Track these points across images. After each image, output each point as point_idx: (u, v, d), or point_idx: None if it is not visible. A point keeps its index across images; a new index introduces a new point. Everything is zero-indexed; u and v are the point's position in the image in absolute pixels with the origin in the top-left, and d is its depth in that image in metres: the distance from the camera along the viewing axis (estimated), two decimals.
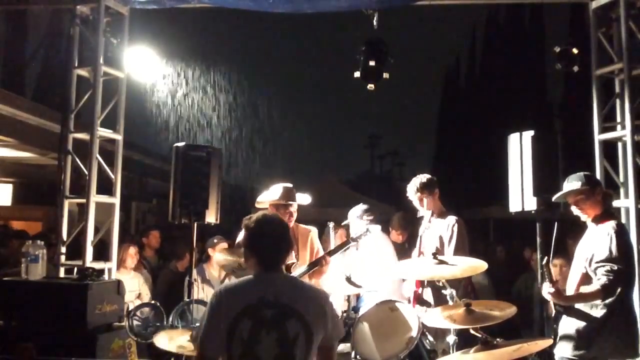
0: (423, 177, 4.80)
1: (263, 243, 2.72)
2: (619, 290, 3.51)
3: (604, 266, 3.51)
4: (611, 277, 3.47)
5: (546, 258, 3.58)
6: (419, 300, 4.45)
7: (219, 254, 4.81)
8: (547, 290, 3.59)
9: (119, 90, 6.04)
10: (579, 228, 3.96)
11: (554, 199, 3.95)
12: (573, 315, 3.67)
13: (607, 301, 3.54)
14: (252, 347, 2.52)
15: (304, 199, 4.74)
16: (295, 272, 4.31)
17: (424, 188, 4.74)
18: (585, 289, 3.65)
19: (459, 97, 31.69)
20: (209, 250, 6.23)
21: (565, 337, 3.68)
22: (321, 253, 4.68)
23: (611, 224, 3.64)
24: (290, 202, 4.59)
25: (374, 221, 5.13)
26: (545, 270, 3.54)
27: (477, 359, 3.37)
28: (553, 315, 3.88)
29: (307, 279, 4.46)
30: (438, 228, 4.67)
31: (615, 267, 3.48)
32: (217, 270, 6.06)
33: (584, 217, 3.79)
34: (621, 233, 3.63)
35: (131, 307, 4.94)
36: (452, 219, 4.68)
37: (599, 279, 3.52)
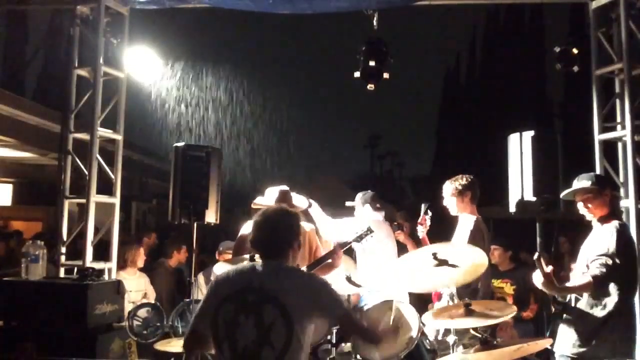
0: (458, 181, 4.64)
1: (258, 233, 2.79)
2: (612, 286, 3.51)
3: (598, 259, 3.51)
4: (603, 270, 3.46)
5: (537, 253, 3.57)
6: (439, 299, 4.44)
7: (219, 266, 4.81)
8: (538, 279, 3.59)
9: (119, 90, 6.04)
10: (573, 227, 3.97)
11: (562, 195, 3.96)
12: (573, 314, 3.68)
13: (608, 301, 3.53)
14: (233, 330, 2.58)
15: (300, 201, 4.69)
16: None
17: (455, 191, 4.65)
18: (577, 282, 3.66)
19: (459, 97, 31.70)
20: (216, 255, 6.23)
21: (565, 336, 3.69)
22: (320, 250, 4.65)
23: (614, 224, 3.64)
24: None
25: (379, 209, 5.09)
26: (537, 263, 3.54)
27: (477, 359, 3.36)
28: (552, 313, 3.88)
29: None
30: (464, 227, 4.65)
31: (610, 262, 3.47)
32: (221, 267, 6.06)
33: (589, 217, 3.79)
34: (623, 232, 3.62)
35: None
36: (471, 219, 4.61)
37: (591, 271, 3.52)
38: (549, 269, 3.52)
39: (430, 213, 4.87)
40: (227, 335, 2.59)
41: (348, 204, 5.53)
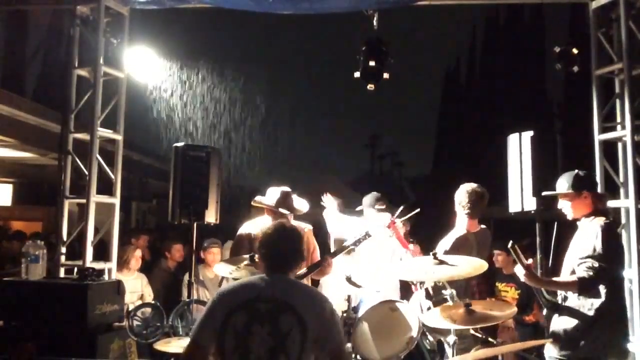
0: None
1: (269, 249, 2.82)
2: (600, 287, 3.52)
3: (585, 262, 3.53)
4: (591, 273, 3.48)
5: (511, 242, 3.58)
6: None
7: (220, 266, 4.81)
8: (520, 271, 3.60)
9: (119, 90, 6.04)
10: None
11: (543, 193, 4.00)
12: (562, 315, 3.68)
13: (596, 301, 3.54)
14: (246, 340, 2.58)
15: (302, 205, 4.69)
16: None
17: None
18: (562, 278, 3.67)
19: (459, 97, 31.72)
20: (201, 253, 6.23)
21: (554, 337, 3.69)
22: (317, 252, 4.66)
23: (599, 222, 3.64)
24: (285, 212, 4.51)
25: (385, 210, 5.08)
26: (513, 253, 3.56)
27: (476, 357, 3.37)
28: (545, 314, 3.89)
29: (308, 279, 4.45)
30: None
31: (596, 265, 3.48)
32: (212, 272, 6.07)
33: (569, 216, 3.84)
34: (608, 231, 3.61)
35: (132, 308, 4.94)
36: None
37: (578, 273, 3.54)
38: (529, 261, 3.55)
39: (404, 217, 4.79)
40: (239, 345, 2.59)
41: (358, 209, 5.52)
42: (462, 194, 4.53)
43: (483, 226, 4.67)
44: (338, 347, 2.69)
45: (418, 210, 4.82)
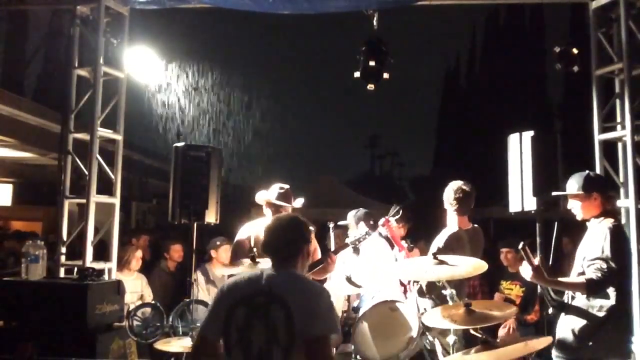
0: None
1: (270, 238, 2.85)
2: (608, 289, 3.52)
3: (594, 264, 3.53)
4: (599, 275, 3.48)
5: (522, 242, 3.59)
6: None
7: (220, 269, 4.80)
8: (527, 271, 3.60)
9: (119, 90, 6.04)
10: (576, 227, 3.99)
11: (553, 193, 4.01)
12: (569, 315, 3.68)
13: (605, 303, 3.54)
14: (247, 333, 2.62)
15: (296, 202, 4.81)
16: None
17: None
18: (571, 279, 3.68)
19: (459, 97, 31.72)
20: (211, 252, 6.23)
21: (561, 338, 3.69)
22: (318, 251, 4.68)
23: (607, 224, 3.64)
24: (283, 204, 4.65)
25: (373, 227, 5.11)
26: (523, 253, 3.57)
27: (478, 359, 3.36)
28: (551, 314, 3.89)
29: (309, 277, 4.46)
30: None
31: (605, 266, 3.48)
32: (221, 270, 6.06)
33: (578, 217, 3.84)
34: (616, 232, 3.61)
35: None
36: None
37: (587, 274, 3.54)
38: (537, 260, 3.55)
39: (398, 215, 4.84)
40: (241, 340, 2.62)
41: (341, 223, 5.47)
42: (449, 192, 4.59)
43: (475, 225, 4.69)
44: (317, 335, 2.58)
45: (401, 206, 4.87)
